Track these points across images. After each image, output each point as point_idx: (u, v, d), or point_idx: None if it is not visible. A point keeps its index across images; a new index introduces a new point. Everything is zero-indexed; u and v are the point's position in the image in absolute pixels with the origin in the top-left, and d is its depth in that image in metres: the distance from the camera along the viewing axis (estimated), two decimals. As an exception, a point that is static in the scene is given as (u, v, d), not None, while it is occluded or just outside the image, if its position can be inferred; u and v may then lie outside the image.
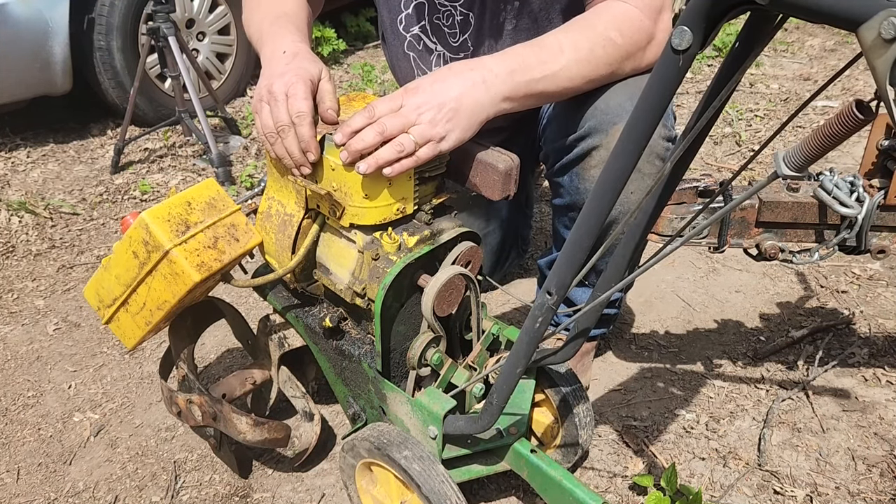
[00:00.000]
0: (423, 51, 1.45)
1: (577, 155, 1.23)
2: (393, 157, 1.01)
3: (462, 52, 1.41)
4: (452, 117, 1.03)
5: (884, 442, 1.45)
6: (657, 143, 1.20)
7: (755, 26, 0.67)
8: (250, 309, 1.93)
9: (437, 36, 1.42)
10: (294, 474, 1.41)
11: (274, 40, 1.19)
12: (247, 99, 3.59)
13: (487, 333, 1.23)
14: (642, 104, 0.69)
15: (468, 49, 1.41)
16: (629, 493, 1.35)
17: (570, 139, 1.24)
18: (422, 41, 1.45)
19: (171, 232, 1.07)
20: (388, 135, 1.01)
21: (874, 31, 0.50)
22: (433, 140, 1.03)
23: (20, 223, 2.42)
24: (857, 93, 3.39)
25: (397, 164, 1.02)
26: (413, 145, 1.02)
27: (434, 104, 1.03)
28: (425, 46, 1.45)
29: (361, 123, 1.02)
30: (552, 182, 1.35)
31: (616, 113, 1.17)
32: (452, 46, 1.42)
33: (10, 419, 1.59)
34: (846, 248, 1.30)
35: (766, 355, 1.70)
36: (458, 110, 1.03)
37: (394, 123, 1.01)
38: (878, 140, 1.22)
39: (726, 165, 2.71)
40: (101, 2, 2.96)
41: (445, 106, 1.03)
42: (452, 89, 1.04)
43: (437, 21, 1.40)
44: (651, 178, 1.22)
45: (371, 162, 1.01)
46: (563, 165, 1.28)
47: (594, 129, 1.19)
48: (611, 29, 1.11)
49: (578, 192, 1.27)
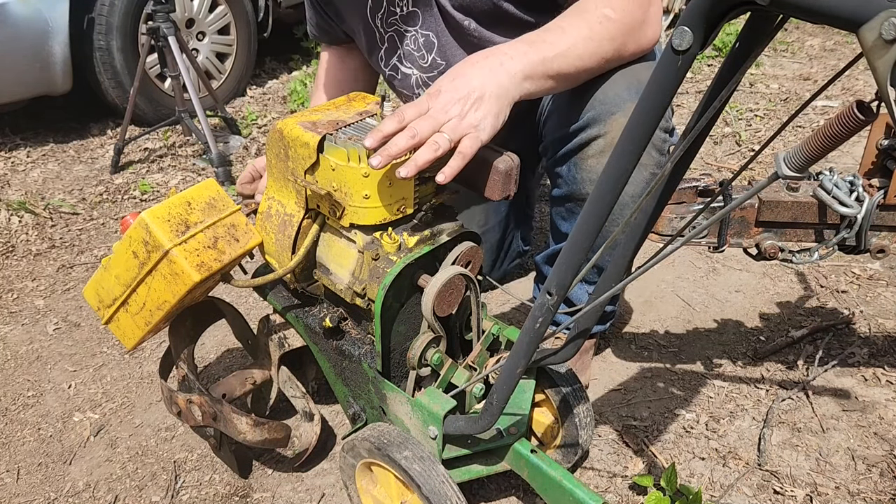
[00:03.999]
0: (403, 78, 1.51)
1: (576, 145, 1.25)
2: (431, 157, 0.99)
3: (435, 70, 1.45)
4: (480, 106, 1.04)
5: (884, 442, 1.45)
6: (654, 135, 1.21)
7: (755, 26, 0.67)
8: (250, 309, 1.93)
9: (409, 61, 1.48)
10: (294, 474, 1.41)
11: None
12: (247, 99, 3.59)
13: (487, 333, 1.23)
14: (642, 104, 0.69)
15: (439, 66, 1.45)
16: (629, 493, 1.35)
17: (570, 129, 1.25)
18: (399, 70, 1.51)
19: (171, 232, 1.07)
20: (420, 138, 1.00)
21: (875, 32, 0.50)
22: (469, 133, 1.03)
23: (20, 223, 2.42)
24: (858, 93, 3.39)
25: (448, 168, 1.01)
26: (448, 143, 1.01)
27: (459, 98, 1.03)
28: (403, 74, 1.50)
29: (393, 128, 1.00)
30: (551, 173, 1.37)
31: (614, 103, 1.19)
32: (423, 67, 1.46)
33: (10, 419, 1.59)
34: (846, 248, 1.30)
35: (766, 355, 1.70)
36: (483, 97, 1.04)
37: (424, 126, 1.01)
38: (878, 140, 1.23)
39: (726, 165, 2.71)
40: (101, 2, 2.96)
41: (471, 96, 1.03)
42: (473, 79, 1.05)
43: (408, 47, 1.45)
44: (647, 170, 1.23)
45: (411, 166, 0.99)
46: (562, 155, 1.29)
47: (593, 120, 1.21)
48: (602, 6, 1.14)
49: (576, 182, 1.28)
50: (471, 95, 1.04)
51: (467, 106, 1.03)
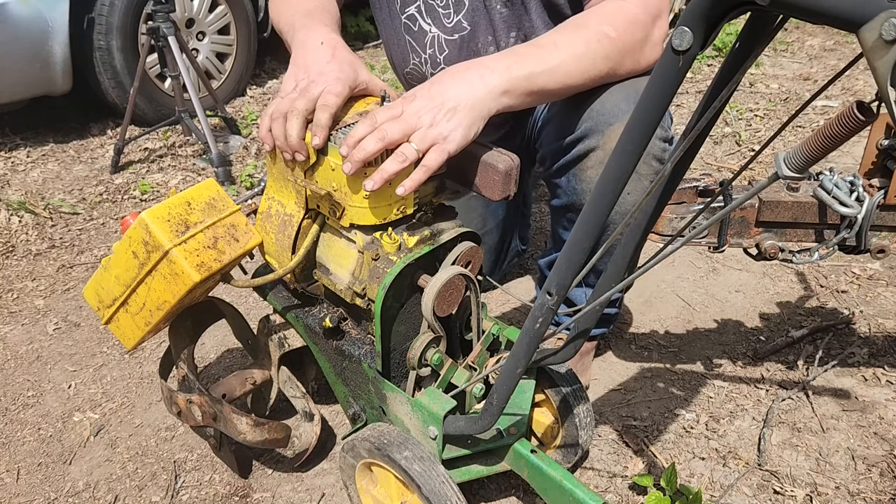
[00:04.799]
0: (419, 33, 1.44)
1: (574, 156, 1.24)
2: (397, 168, 1.01)
3: (457, 34, 1.40)
4: (452, 116, 1.03)
5: (884, 442, 1.45)
6: (654, 145, 1.20)
7: (755, 27, 0.67)
8: (250, 309, 1.93)
9: (431, 16, 1.41)
10: (294, 474, 1.41)
11: (308, 30, 1.19)
12: (247, 99, 3.59)
13: (487, 333, 1.23)
14: (642, 105, 0.69)
15: (463, 30, 1.40)
16: (629, 493, 1.35)
17: (567, 141, 1.24)
18: (417, 22, 1.44)
19: (170, 232, 1.07)
20: (389, 141, 1.00)
21: (875, 33, 0.50)
22: (437, 142, 1.03)
23: (20, 223, 2.42)
24: (857, 93, 3.39)
25: (409, 180, 1.02)
26: (415, 153, 1.01)
27: (432, 106, 1.03)
28: (420, 28, 1.44)
29: (364, 132, 1.01)
30: (550, 183, 1.36)
31: (612, 114, 1.18)
32: (447, 27, 1.41)
33: (10, 419, 1.59)
34: (846, 248, 1.30)
35: (766, 355, 1.70)
36: (457, 109, 1.03)
37: (394, 129, 1.01)
38: (878, 140, 1.22)
39: (726, 165, 2.71)
40: (101, 2, 2.96)
41: (444, 106, 1.03)
42: (450, 90, 1.04)
43: (432, 1, 1.40)
44: (647, 180, 1.23)
45: (377, 178, 1.01)
46: (560, 167, 1.28)
47: (591, 131, 1.20)
48: (604, 24, 1.12)
49: (576, 193, 1.27)
50: (445, 105, 1.03)
51: (440, 115, 1.02)
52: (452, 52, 1.41)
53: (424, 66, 1.46)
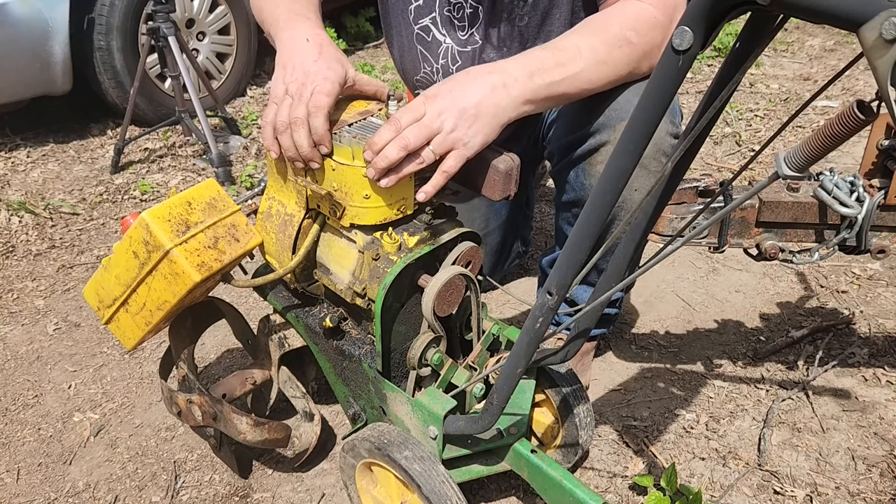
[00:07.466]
0: (432, 43, 1.44)
1: (584, 151, 1.24)
2: (414, 171, 1.02)
3: (469, 46, 1.41)
4: (473, 123, 1.02)
5: (884, 442, 1.45)
6: (664, 141, 1.19)
7: (756, 26, 0.67)
8: (250, 309, 1.93)
9: (446, 28, 1.41)
10: (294, 474, 1.41)
11: (292, 27, 1.17)
12: (247, 99, 3.59)
13: (488, 333, 1.23)
14: (643, 104, 0.69)
15: (476, 43, 1.40)
16: (629, 493, 1.35)
17: (578, 136, 1.24)
18: (431, 33, 1.43)
19: (171, 232, 1.07)
20: (411, 148, 1.00)
21: (875, 32, 0.50)
22: (456, 147, 1.03)
23: (20, 223, 2.42)
24: (858, 93, 3.39)
25: (429, 185, 1.04)
26: (433, 157, 1.02)
27: (455, 110, 1.02)
28: (434, 38, 1.43)
29: (387, 138, 1.01)
30: (557, 179, 1.35)
31: (624, 109, 1.17)
32: (460, 40, 1.40)
33: (10, 419, 1.59)
34: (846, 248, 1.30)
35: (766, 355, 1.70)
36: (479, 115, 1.03)
37: (417, 135, 1.01)
38: (878, 140, 1.22)
39: (726, 165, 2.71)
40: (101, 2, 2.95)
41: (467, 112, 1.02)
42: (473, 95, 1.03)
43: (448, 13, 1.39)
44: (656, 177, 1.22)
45: (393, 177, 1.02)
46: (569, 162, 1.28)
47: (602, 126, 1.20)
48: (626, 29, 1.11)
49: (584, 189, 1.27)
50: (467, 111, 1.02)
51: (461, 121, 1.02)
52: (465, 64, 1.42)
53: (436, 75, 1.47)
